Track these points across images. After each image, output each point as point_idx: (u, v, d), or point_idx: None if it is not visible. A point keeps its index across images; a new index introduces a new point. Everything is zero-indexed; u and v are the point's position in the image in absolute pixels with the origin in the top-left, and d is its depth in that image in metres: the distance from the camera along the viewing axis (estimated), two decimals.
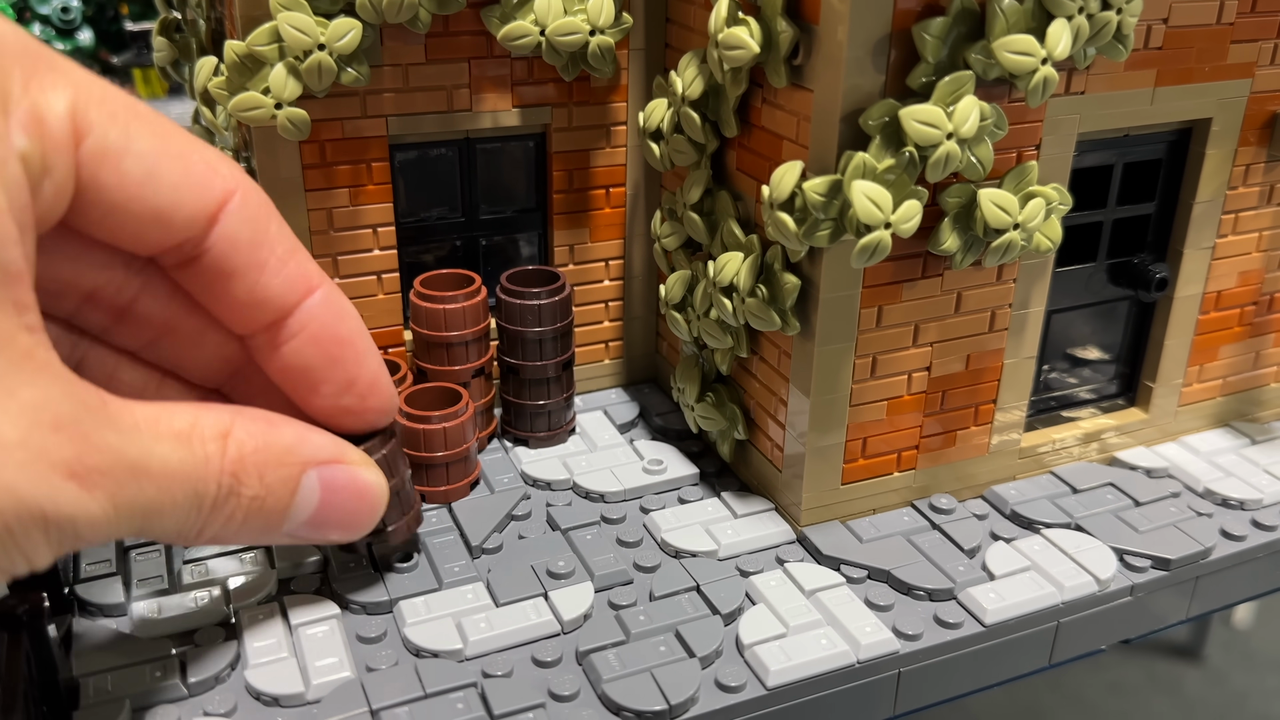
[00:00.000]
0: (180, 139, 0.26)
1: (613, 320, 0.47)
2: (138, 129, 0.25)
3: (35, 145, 0.23)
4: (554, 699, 0.31)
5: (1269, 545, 0.40)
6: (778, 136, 0.36)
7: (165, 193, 0.26)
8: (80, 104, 0.24)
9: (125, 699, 0.30)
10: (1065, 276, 0.41)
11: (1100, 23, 0.33)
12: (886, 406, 0.38)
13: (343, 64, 0.37)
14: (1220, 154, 0.40)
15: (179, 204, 0.26)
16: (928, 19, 0.32)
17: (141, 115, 0.25)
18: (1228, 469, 0.43)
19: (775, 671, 0.32)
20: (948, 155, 0.32)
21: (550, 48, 0.39)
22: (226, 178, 0.27)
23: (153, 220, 0.26)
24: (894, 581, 0.36)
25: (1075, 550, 0.38)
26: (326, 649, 0.32)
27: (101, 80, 0.25)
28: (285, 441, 0.28)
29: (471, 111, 0.41)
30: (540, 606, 0.34)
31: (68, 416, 0.22)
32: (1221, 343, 0.44)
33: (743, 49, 0.34)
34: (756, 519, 0.39)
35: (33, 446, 0.21)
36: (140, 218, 0.26)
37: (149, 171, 0.25)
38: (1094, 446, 0.43)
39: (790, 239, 0.34)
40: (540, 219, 0.45)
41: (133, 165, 0.25)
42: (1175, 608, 0.39)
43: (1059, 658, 0.37)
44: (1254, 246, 0.43)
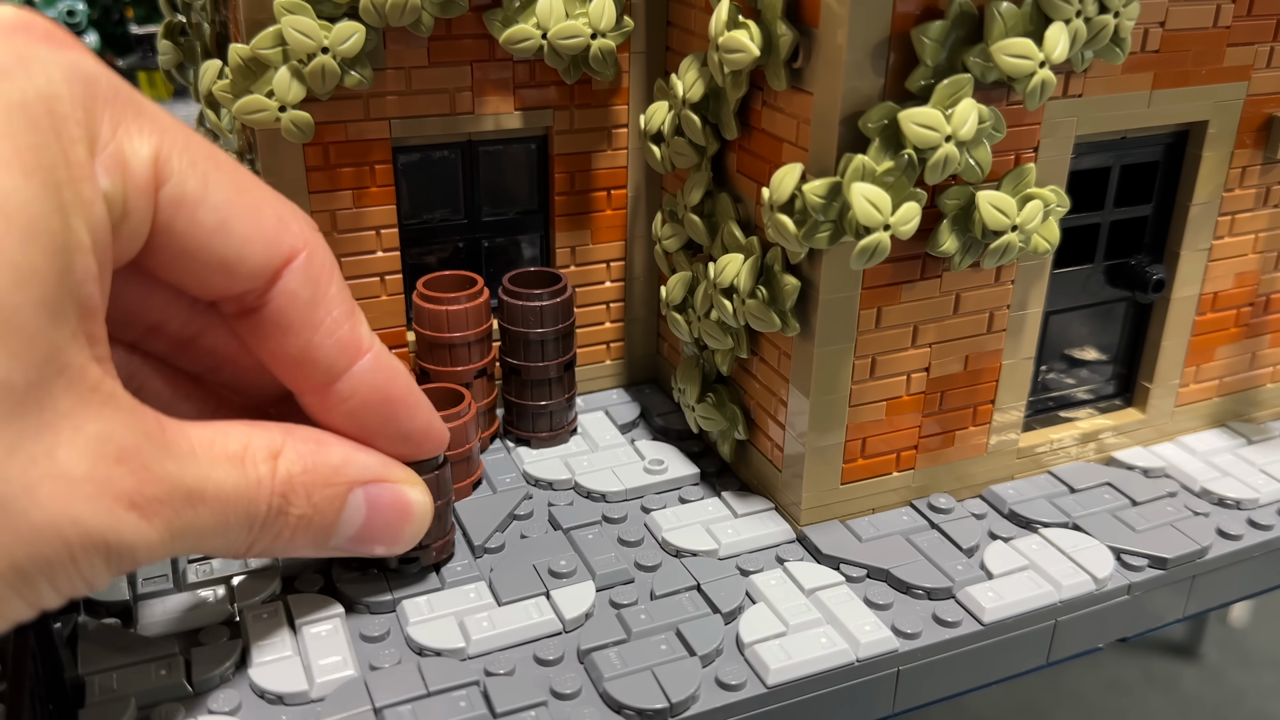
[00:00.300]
0: (256, 192, 0.27)
1: (614, 321, 0.47)
2: (216, 179, 0.26)
3: (118, 187, 0.23)
4: (556, 697, 0.31)
5: (1265, 544, 0.40)
6: (778, 139, 0.36)
7: (235, 244, 0.26)
8: (164, 150, 0.24)
9: (130, 697, 0.31)
10: (1063, 278, 0.41)
11: (1098, 26, 0.34)
12: (886, 407, 0.38)
13: (346, 67, 0.37)
14: (1217, 156, 0.40)
15: (246, 256, 0.27)
16: (926, 22, 0.32)
17: (222, 165, 0.26)
18: (1224, 469, 0.43)
19: (775, 670, 0.32)
20: (946, 157, 0.32)
21: (552, 51, 0.39)
22: (296, 235, 0.28)
23: (219, 269, 0.27)
24: (893, 580, 0.36)
25: (1073, 549, 0.38)
26: (330, 648, 0.33)
27: (186, 128, 0.26)
28: (333, 462, 0.29)
29: (474, 114, 0.41)
30: (542, 605, 0.35)
31: (130, 448, 0.23)
32: (1218, 343, 0.44)
33: (743, 52, 0.34)
34: (757, 518, 0.39)
35: (99, 480, 0.22)
36: (208, 265, 0.26)
37: (222, 222, 0.26)
38: (1091, 446, 0.44)
39: (790, 241, 0.34)
40: (542, 221, 0.45)
41: (207, 215, 0.26)
42: (1172, 606, 0.39)
43: (1057, 656, 0.37)
44: (1250, 248, 0.43)
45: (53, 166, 0.22)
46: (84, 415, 0.22)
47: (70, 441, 0.22)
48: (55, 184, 0.22)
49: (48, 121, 0.22)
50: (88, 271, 0.23)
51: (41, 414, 0.21)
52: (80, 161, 0.22)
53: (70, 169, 0.22)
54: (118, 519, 0.23)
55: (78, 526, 0.22)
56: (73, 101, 0.22)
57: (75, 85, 0.23)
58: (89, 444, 0.22)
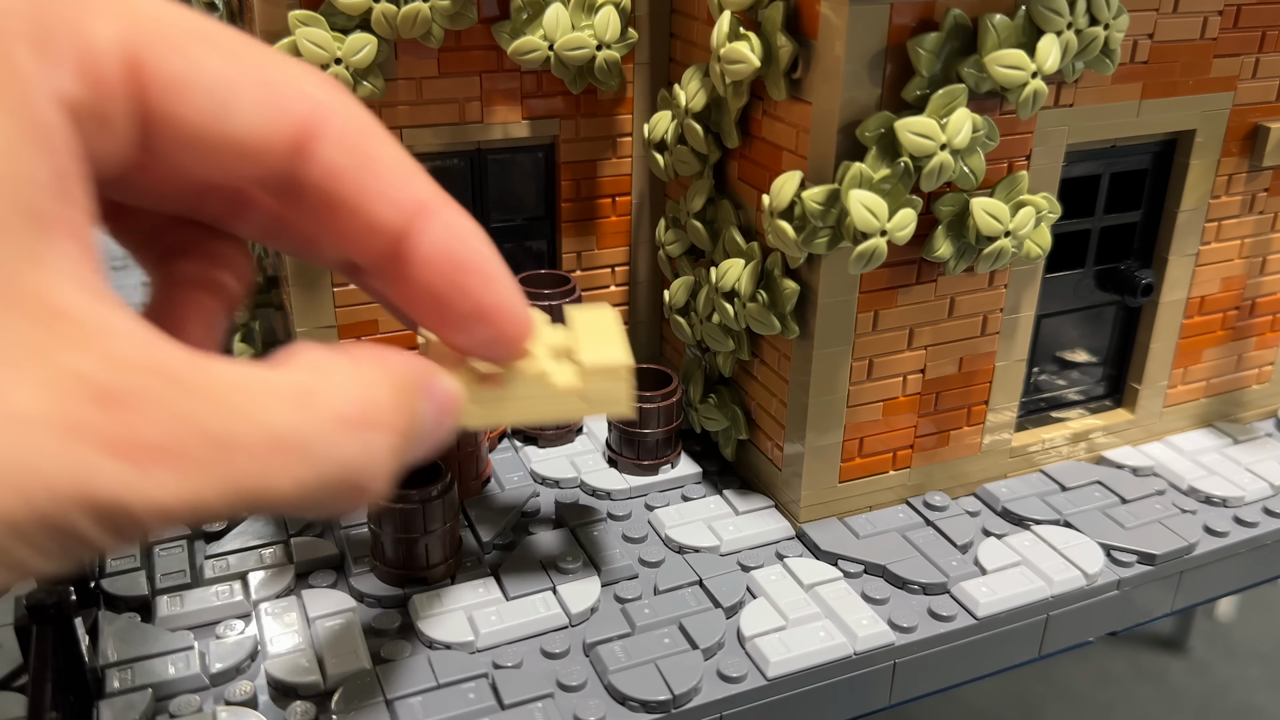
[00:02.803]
0: (258, 59, 0.23)
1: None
2: (206, 54, 0.22)
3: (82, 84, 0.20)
4: (562, 689, 0.32)
5: (1251, 541, 0.40)
6: (777, 147, 0.36)
7: (243, 123, 0.23)
8: (132, 33, 0.21)
9: (148, 688, 0.31)
10: (1055, 282, 0.42)
11: (1088, 38, 0.34)
12: (882, 407, 0.39)
13: (358, 78, 0.38)
14: (1204, 164, 0.41)
15: (258, 131, 0.23)
16: (922, 34, 0.33)
17: (214, 39, 0.22)
18: (1211, 467, 0.43)
19: (775, 662, 0.33)
20: (941, 165, 0.33)
21: (559, 62, 0.40)
22: (316, 100, 0.24)
23: (234, 153, 0.23)
24: (889, 576, 0.37)
25: (1064, 546, 0.38)
26: (343, 641, 0.33)
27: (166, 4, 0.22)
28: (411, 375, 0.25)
29: (483, 123, 0.42)
30: (549, 600, 0.35)
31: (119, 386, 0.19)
32: (1205, 346, 0.45)
33: (744, 63, 0.35)
34: (757, 516, 0.40)
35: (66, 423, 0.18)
36: (219, 151, 0.23)
37: (222, 102, 0.22)
38: (1082, 446, 0.44)
39: (790, 246, 0.34)
40: (549, 227, 0.45)
41: (202, 96, 0.22)
42: (1160, 601, 0.39)
43: (1048, 649, 0.38)
44: (1236, 253, 0.44)
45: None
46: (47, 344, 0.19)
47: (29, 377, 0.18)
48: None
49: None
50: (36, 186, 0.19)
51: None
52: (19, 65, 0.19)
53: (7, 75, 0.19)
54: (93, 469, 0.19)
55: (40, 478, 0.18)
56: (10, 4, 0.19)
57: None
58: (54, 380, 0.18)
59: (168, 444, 0.20)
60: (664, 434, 0.41)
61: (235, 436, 0.20)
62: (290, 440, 0.21)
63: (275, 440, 0.21)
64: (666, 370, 0.42)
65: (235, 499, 0.20)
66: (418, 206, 0.25)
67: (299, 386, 0.22)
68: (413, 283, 0.26)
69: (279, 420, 0.21)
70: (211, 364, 0.21)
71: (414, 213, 0.25)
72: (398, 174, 0.25)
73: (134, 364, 0.19)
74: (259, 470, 0.21)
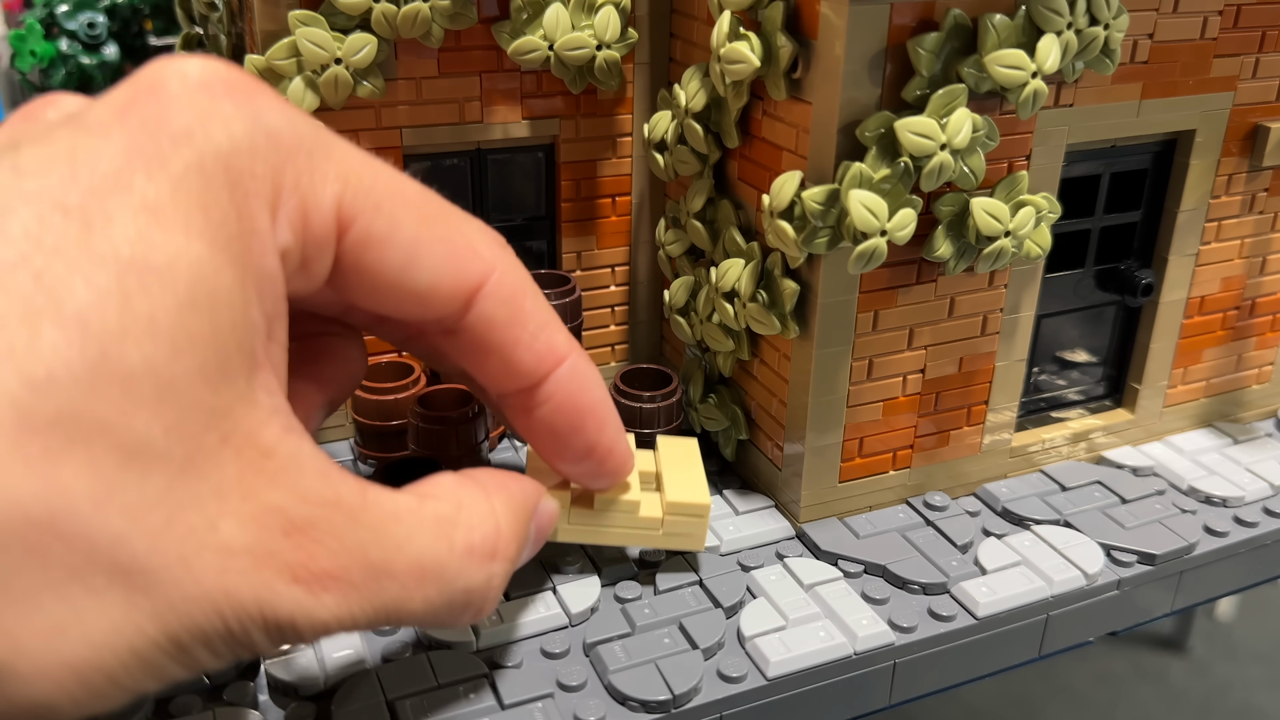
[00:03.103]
0: (444, 221, 0.26)
1: (619, 324, 0.48)
2: (403, 215, 0.25)
3: (297, 239, 0.23)
4: (562, 689, 0.32)
5: (1251, 541, 0.40)
6: (777, 147, 0.36)
7: (425, 277, 0.26)
8: (348, 195, 0.24)
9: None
10: (1055, 282, 0.42)
11: (1088, 38, 0.34)
12: (882, 407, 0.39)
13: (358, 77, 0.38)
14: (1204, 164, 0.41)
15: (437, 287, 0.26)
16: (922, 34, 0.33)
17: (409, 200, 0.26)
18: (1211, 467, 0.43)
19: (775, 662, 0.33)
20: (941, 165, 0.33)
21: (558, 62, 0.40)
22: (486, 260, 0.27)
23: (412, 300, 0.26)
24: (889, 576, 0.37)
25: (1064, 546, 0.38)
26: (343, 641, 0.33)
27: (374, 162, 0.25)
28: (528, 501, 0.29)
29: (483, 123, 0.42)
30: (549, 600, 0.35)
31: (304, 520, 0.22)
32: (1205, 346, 0.45)
33: (744, 63, 0.35)
34: (757, 516, 0.40)
35: (260, 552, 0.21)
36: (400, 298, 0.26)
37: (410, 257, 0.25)
38: (1082, 446, 0.44)
39: (790, 246, 0.34)
40: (549, 227, 0.46)
41: (393, 253, 0.25)
42: (1160, 601, 0.39)
43: (1048, 649, 0.37)
44: (1236, 253, 0.44)
45: (223, 224, 0.21)
46: (253, 483, 0.22)
47: (235, 512, 0.21)
48: (224, 242, 0.21)
49: (223, 179, 0.22)
50: (254, 329, 0.22)
51: (205, 483, 0.21)
52: (254, 217, 0.22)
53: (241, 225, 0.22)
54: (276, 594, 0.22)
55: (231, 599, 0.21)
56: (252, 156, 0.22)
57: (257, 139, 0.22)
58: (256, 514, 0.21)
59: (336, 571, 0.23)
60: (664, 433, 0.41)
61: (390, 564, 0.24)
62: (431, 569, 0.25)
63: (420, 569, 0.24)
64: (666, 370, 0.42)
65: (376, 617, 0.24)
66: (555, 358, 0.29)
67: (441, 519, 0.26)
68: (537, 418, 0.30)
69: (425, 551, 0.25)
70: (375, 495, 0.24)
71: (551, 364, 0.29)
72: (542, 327, 0.29)
73: (317, 498, 0.23)
74: (403, 594, 0.24)
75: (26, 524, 0.19)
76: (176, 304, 0.20)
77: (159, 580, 0.20)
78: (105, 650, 0.20)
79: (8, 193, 0.20)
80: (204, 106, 0.22)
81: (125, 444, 0.20)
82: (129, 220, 0.20)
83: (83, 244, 0.20)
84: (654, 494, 0.35)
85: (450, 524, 0.26)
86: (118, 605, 0.20)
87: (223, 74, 0.23)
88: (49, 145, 0.21)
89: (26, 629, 0.19)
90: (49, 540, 0.19)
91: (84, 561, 0.19)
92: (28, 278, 0.19)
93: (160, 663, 0.21)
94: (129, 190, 0.21)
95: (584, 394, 0.30)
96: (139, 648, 0.20)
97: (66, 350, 0.19)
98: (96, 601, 0.20)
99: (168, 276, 0.20)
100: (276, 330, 0.23)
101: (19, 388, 0.19)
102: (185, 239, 0.21)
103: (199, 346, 0.21)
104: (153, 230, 0.20)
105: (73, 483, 0.19)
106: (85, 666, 0.20)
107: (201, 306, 0.21)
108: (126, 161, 0.21)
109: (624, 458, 0.32)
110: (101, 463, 0.19)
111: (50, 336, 0.19)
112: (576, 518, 0.34)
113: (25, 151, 0.21)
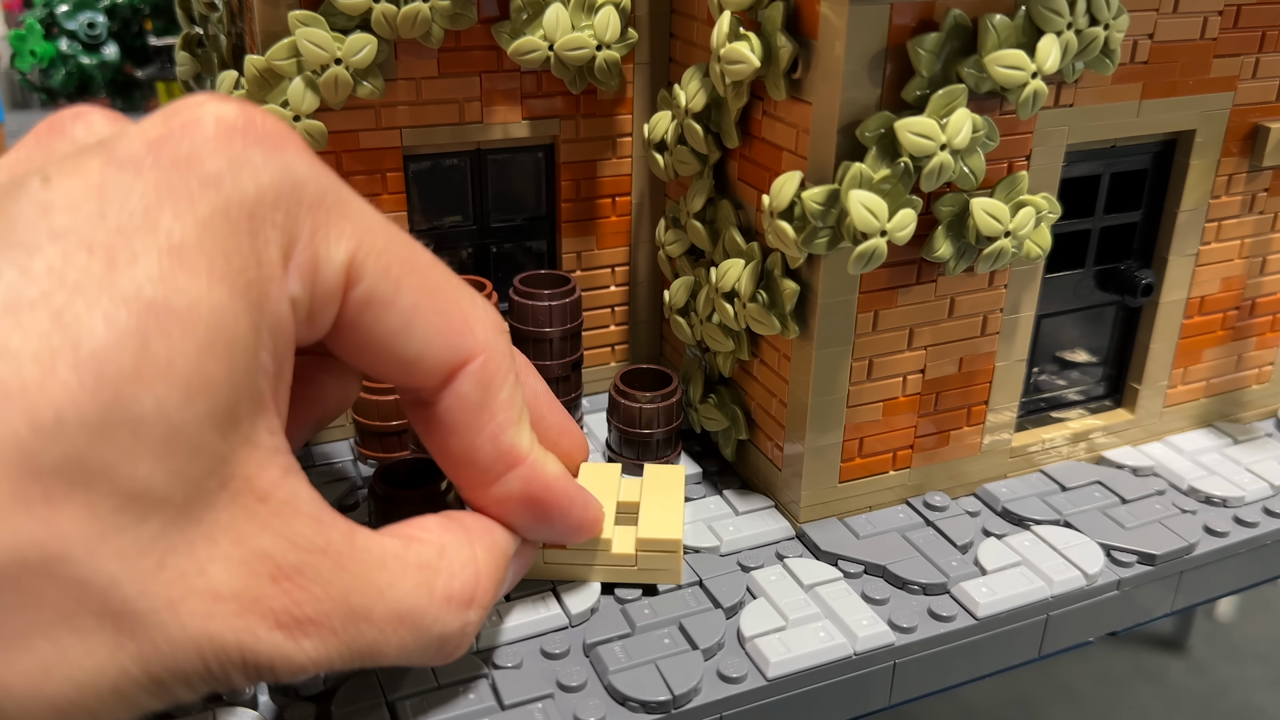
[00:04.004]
0: (446, 293, 0.27)
1: (619, 324, 0.48)
2: (408, 282, 0.26)
3: (306, 291, 0.23)
4: (562, 689, 0.32)
5: (1250, 541, 0.40)
6: (777, 147, 0.37)
7: (416, 345, 0.26)
8: (360, 255, 0.24)
9: None
10: (1054, 282, 0.42)
11: (1088, 38, 0.34)
12: (882, 408, 0.39)
13: (358, 78, 0.38)
14: (1204, 164, 0.41)
15: (425, 357, 0.27)
16: (922, 34, 0.33)
17: (417, 268, 0.26)
18: (1211, 467, 0.43)
19: (775, 663, 0.33)
20: (941, 165, 0.33)
21: (558, 62, 0.40)
22: (478, 340, 0.27)
23: (397, 365, 0.27)
24: (889, 576, 0.37)
25: (1064, 546, 0.38)
26: None
27: (389, 226, 0.26)
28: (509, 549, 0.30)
29: (483, 123, 0.42)
30: (549, 600, 0.35)
31: (292, 565, 0.23)
32: (1205, 346, 0.45)
33: (744, 63, 0.35)
34: (757, 516, 0.40)
35: (246, 598, 0.22)
36: (387, 361, 0.26)
37: (406, 324, 0.26)
38: (1082, 446, 0.44)
39: (790, 246, 0.34)
40: (549, 227, 0.46)
41: (392, 317, 0.25)
42: (1160, 601, 0.39)
43: (1048, 649, 0.37)
44: (1236, 253, 0.44)
45: (243, 270, 0.22)
46: (246, 528, 0.22)
47: (225, 556, 0.22)
48: (243, 288, 0.22)
49: (246, 225, 0.22)
50: (264, 372, 0.22)
51: (198, 527, 0.21)
52: (271, 263, 0.22)
53: (260, 271, 0.22)
54: (258, 639, 0.22)
55: (214, 643, 0.21)
56: (275, 206, 0.23)
57: (283, 189, 0.23)
58: (245, 560, 0.22)
59: (318, 618, 0.23)
60: (664, 434, 0.41)
61: (370, 611, 0.24)
62: (410, 616, 0.26)
63: (398, 616, 0.25)
64: (666, 370, 0.42)
65: (352, 659, 0.25)
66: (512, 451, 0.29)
67: (424, 566, 0.26)
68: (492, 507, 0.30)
69: (405, 598, 0.25)
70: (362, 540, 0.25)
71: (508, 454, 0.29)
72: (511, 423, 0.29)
73: (307, 544, 0.23)
74: (379, 638, 0.25)
75: (22, 568, 0.19)
76: (195, 349, 0.21)
77: (146, 624, 0.21)
78: (88, 689, 0.20)
79: (35, 230, 0.20)
80: (236, 153, 0.22)
81: (126, 489, 0.20)
82: (154, 260, 0.20)
83: (106, 282, 0.20)
84: (629, 529, 0.36)
85: (432, 571, 0.26)
86: (104, 647, 0.20)
87: (257, 121, 0.23)
88: (79, 178, 0.21)
89: (13, 670, 0.20)
90: (42, 584, 0.19)
91: (75, 605, 0.20)
92: (47, 316, 0.19)
93: (138, 699, 0.21)
94: (155, 230, 0.21)
95: (546, 491, 0.30)
96: (120, 686, 0.21)
97: (78, 392, 0.19)
98: (84, 644, 0.20)
99: (188, 321, 0.21)
100: (284, 373, 0.24)
101: (26, 431, 0.19)
102: (208, 284, 0.21)
103: (212, 392, 0.21)
104: (176, 272, 0.21)
105: (71, 528, 0.19)
106: (67, 704, 0.20)
107: (220, 352, 0.21)
108: (156, 200, 0.21)
109: (591, 527, 0.33)
110: (100, 507, 0.20)
111: (64, 377, 0.19)
112: (552, 556, 0.35)
113: (56, 185, 0.21)
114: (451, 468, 0.30)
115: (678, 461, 0.42)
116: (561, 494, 0.31)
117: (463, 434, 0.28)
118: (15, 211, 0.21)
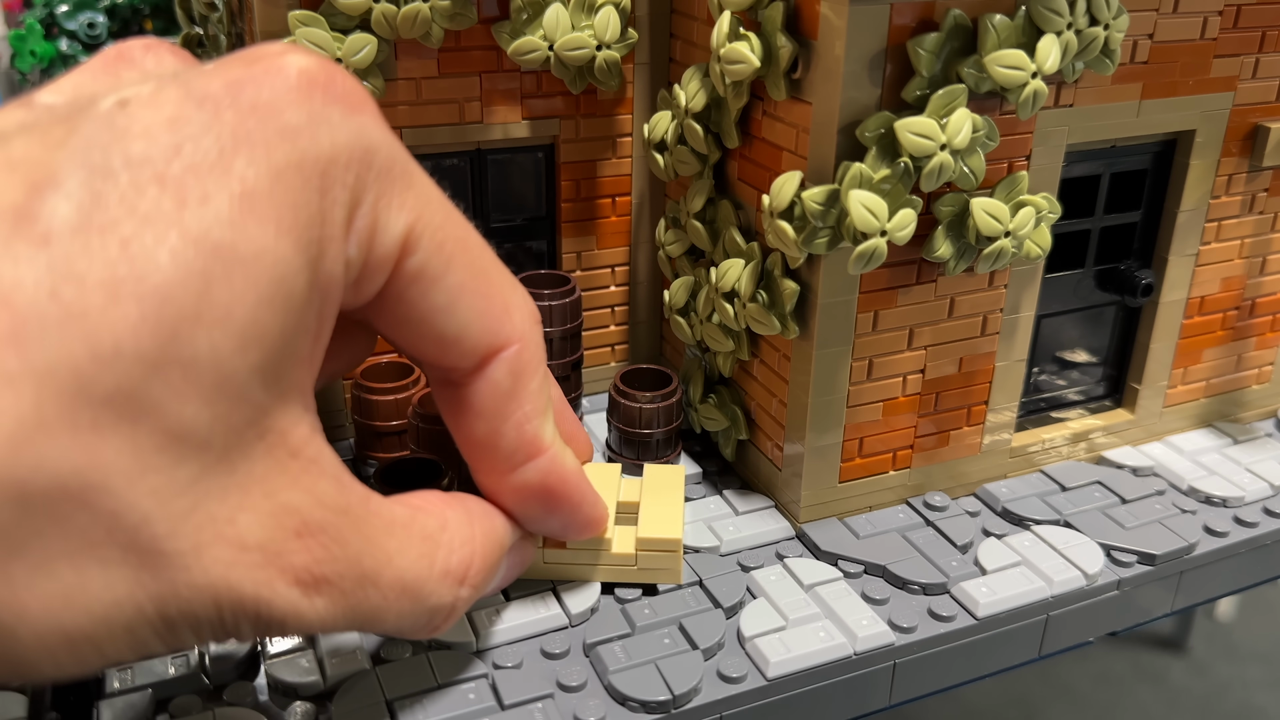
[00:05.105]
0: (492, 277, 0.27)
1: (619, 324, 0.48)
2: (459, 262, 0.26)
3: (360, 256, 0.23)
4: (562, 689, 0.32)
5: (1250, 541, 0.40)
6: (777, 147, 0.37)
7: (456, 325, 0.26)
8: (418, 228, 0.24)
9: (148, 688, 0.31)
10: (1054, 282, 0.42)
11: (1088, 38, 0.34)
12: (882, 408, 0.39)
13: (358, 78, 0.37)
14: (1204, 164, 0.41)
15: (464, 338, 0.27)
16: (922, 34, 0.33)
17: (469, 248, 0.26)
18: (1211, 468, 0.43)
19: (775, 663, 0.33)
20: (941, 166, 0.33)
21: (558, 62, 0.40)
22: (516, 328, 0.28)
23: (435, 342, 0.27)
24: (889, 576, 0.37)
25: (1064, 546, 0.38)
26: (343, 641, 0.33)
27: (446, 205, 0.26)
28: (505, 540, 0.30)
29: (482, 123, 0.42)
30: (549, 600, 0.35)
31: (316, 523, 0.23)
32: (1205, 346, 0.45)
33: (744, 63, 0.35)
34: (757, 516, 0.40)
35: (271, 551, 0.22)
36: (426, 336, 0.27)
37: (451, 302, 0.26)
38: (1082, 446, 0.44)
39: (790, 246, 0.34)
40: (549, 227, 0.46)
41: (438, 294, 0.26)
42: (1160, 601, 0.39)
43: (1048, 649, 0.38)
44: (1236, 253, 0.44)
45: (309, 226, 0.22)
46: (278, 482, 0.22)
47: (255, 507, 0.22)
48: (306, 244, 0.22)
49: (317, 183, 0.22)
50: (310, 330, 0.23)
51: (233, 476, 0.21)
52: (335, 223, 0.22)
53: (324, 230, 0.22)
54: (275, 592, 0.22)
55: (232, 593, 0.22)
56: (347, 168, 0.23)
57: (355, 152, 0.23)
58: (274, 512, 0.22)
59: (333, 577, 0.23)
60: (664, 434, 0.41)
61: (378, 576, 0.25)
62: (411, 585, 0.26)
63: (401, 584, 0.25)
64: (666, 370, 0.42)
65: (354, 622, 0.25)
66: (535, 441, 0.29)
67: (427, 537, 0.27)
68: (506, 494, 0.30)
69: (409, 566, 0.26)
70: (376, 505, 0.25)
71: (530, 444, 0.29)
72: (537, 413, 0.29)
73: (332, 503, 0.23)
74: (383, 604, 0.25)
75: (62, 492, 0.19)
76: (256, 299, 0.21)
77: (170, 565, 0.21)
78: (102, 623, 0.20)
79: (109, 154, 0.20)
80: (315, 108, 0.22)
81: (171, 428, 0.20)
82: (224, 203, 0.20)
83: (175, 218, 0.20)
84: (629, 528, 0.36)
85: (434, 543, 0.27)
86: (124, 583, 0.20)
87: (338, 80, 0.23)
88: (156, 109, 0.21)
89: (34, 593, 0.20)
90: (76, 511, 0.19)
91: (104, 536, 0.20)
92: (116, 244, 0.19)
93: (146, 640, 0.21)
94: (229, 173, 0.21)
95: (562, 484, 0.31)
96: (133, 624, 0.21)
97: (139, 325, 0.19)
98: (105, 576, 0.20)
99: (253, 270, 0.20)
100: (324, 333, 0.24)
101: (85, 356, 0.19)
102: (275, 235, 0.21)
103: (265, 344, 0.21)
104: (246, 219, 0.20)
105: (113, 459, 0.19)
106: (79, 636, 0.20)
107: (277, 305, 0.21)
108: (232, 143, 0.21)
109: (597, 523, 0.33)
110: (143, 443, 0.20)
111: (126, 308, 0.19)
112: (552, 556, 0.35)
113: (134, 111, 0.21)
114: (471, 450, 0.30)
115: (678, 461, 0.42)
116: (575, 489, 0.31)
117: (489, 419, 0.28)
118: (90, 132, 0.20)
